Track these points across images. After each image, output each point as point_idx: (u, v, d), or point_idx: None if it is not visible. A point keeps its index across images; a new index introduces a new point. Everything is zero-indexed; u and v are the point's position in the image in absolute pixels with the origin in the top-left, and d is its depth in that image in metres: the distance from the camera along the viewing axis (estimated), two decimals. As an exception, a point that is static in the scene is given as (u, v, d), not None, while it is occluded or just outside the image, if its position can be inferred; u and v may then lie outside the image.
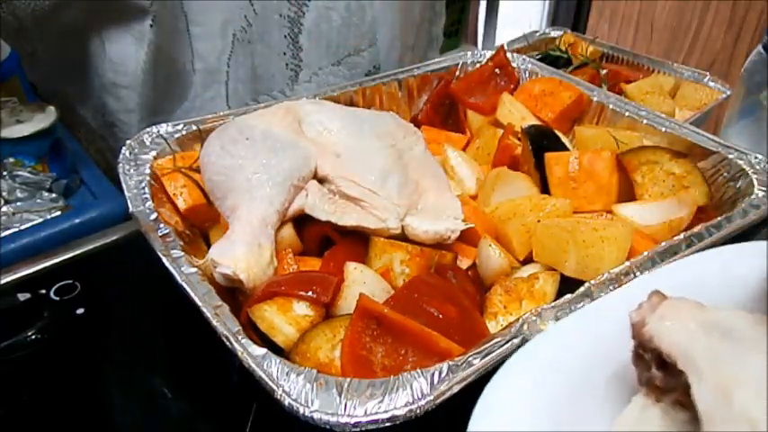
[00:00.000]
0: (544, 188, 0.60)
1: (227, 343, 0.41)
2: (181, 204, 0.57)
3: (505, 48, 0.84)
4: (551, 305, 0.43)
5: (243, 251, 0.48)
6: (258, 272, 0.48)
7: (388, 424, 0.35)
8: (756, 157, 0.61)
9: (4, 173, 0.67)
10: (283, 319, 0.45)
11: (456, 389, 0.37)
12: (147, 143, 0.61)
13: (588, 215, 0.56)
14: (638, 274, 0.47)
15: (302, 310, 0.46)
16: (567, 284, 0.49)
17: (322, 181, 0.56)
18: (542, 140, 0.63)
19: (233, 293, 0.49)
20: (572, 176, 0.59)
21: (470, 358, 0.38)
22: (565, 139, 0.67)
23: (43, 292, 0.58)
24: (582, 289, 0.45)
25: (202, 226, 0.58)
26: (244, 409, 0.47)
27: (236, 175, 0.54)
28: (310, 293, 0.46)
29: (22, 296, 0.57)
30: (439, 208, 0.56)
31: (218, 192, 0.55)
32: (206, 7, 0.76)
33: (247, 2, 0.79)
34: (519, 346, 0.40)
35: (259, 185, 0.53)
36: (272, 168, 0.54)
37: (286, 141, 0.56)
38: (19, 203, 0.66)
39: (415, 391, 0.36)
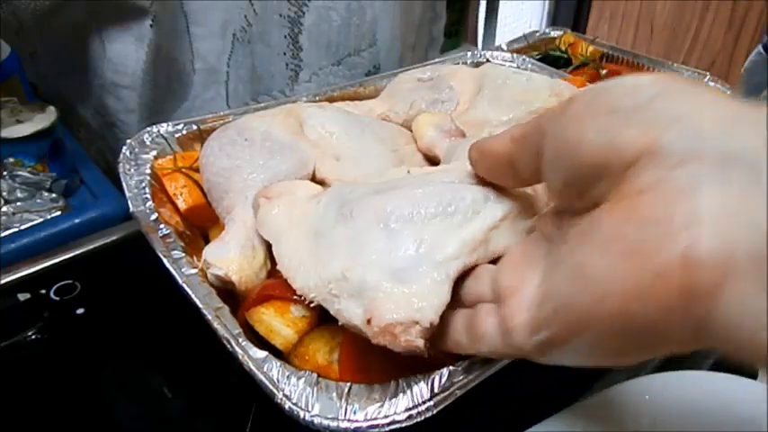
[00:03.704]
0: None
1: (228, 346, 0.40)
2: (181, 204, 0.57)
3: (505, 48, 0.84)
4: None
5: (236, 253, 0.48)
6: (251, 274, 0.48)
7: (388, 429, 0.35)
8: (756, 159, 0.60)
9: (4, 173, 0.67)
10: (281, 321, 0.45)
11: (457, 394, 0.37)
12: (148, 143, 0.61)
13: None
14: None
15: (299, 311, 0.45)
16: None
17: (320, 183, 0.56)
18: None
19: (233, 295, 0.49)
20: None
21: (471, 363, 0.38)
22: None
23: (43, 292, 0.58)
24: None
25: (203, 226, 0.57)
26: (243, 410, 0.47)
27: (233, 177, 0.53)
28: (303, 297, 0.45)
29: (22, 296, 0.57)
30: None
31: (216, 193, 0.55)
32: (206, 7, 0.76)
33: (247, 2, 0.78)
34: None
35: (255, 187, 0.53)
36: (268, 170, 0.54)
37: (285, 143, 0.56)
38: (19, 203, 0.66)
39: (415, 395, 0.36)
